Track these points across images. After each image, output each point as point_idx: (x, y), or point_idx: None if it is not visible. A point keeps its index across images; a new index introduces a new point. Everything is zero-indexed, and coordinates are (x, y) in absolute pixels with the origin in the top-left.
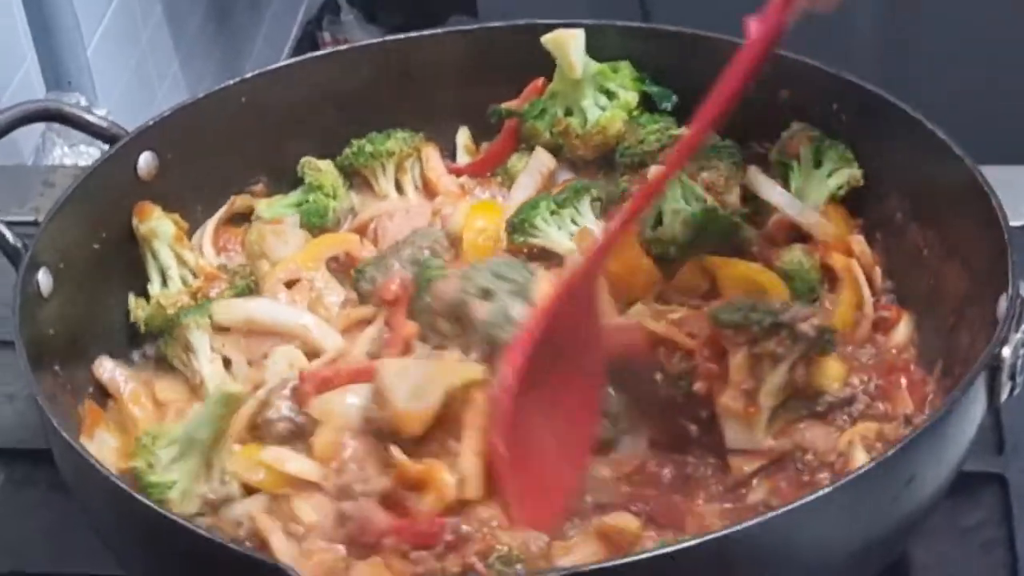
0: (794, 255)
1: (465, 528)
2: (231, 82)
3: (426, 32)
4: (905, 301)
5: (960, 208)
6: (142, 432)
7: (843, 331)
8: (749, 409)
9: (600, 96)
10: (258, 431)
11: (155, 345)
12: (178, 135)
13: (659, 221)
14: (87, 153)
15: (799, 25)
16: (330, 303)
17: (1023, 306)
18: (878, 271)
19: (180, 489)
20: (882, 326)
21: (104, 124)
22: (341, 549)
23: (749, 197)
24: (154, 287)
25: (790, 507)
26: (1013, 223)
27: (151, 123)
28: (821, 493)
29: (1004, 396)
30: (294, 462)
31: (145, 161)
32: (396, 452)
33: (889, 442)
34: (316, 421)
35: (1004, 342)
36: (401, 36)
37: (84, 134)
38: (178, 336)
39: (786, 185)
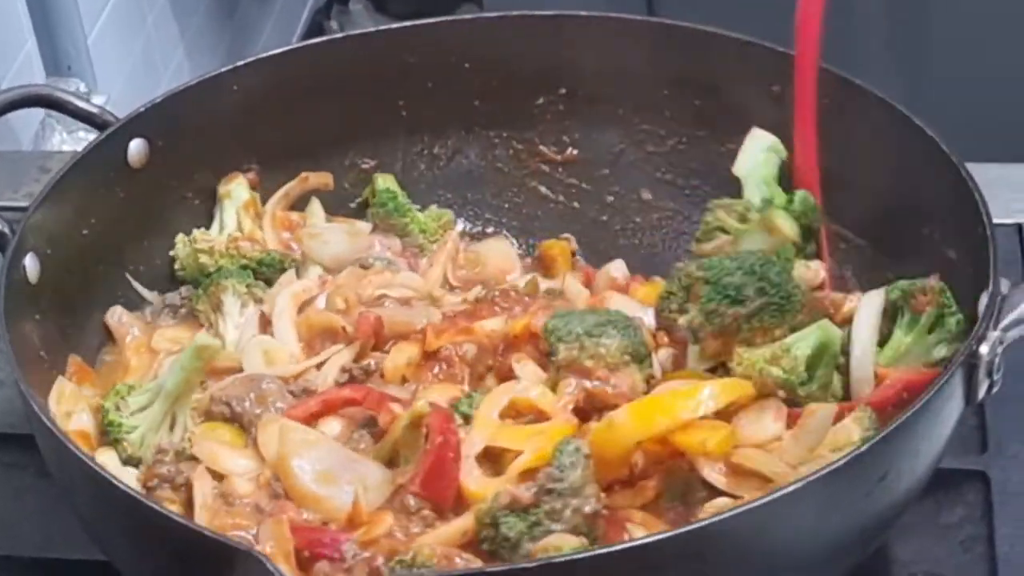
0: None
1: (360, 553)
2: (223, 69)
3: (423, 21)
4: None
5: (945, 204)
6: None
7: None
8: None
9: None
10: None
11: (176, 293)
12: (169, 122)
13: None
14: (86, 140)
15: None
16: None
17: (1003, 303)
18: None
19: (139, 434)
20: None
21: (94, 110)
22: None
23: None
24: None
25: (762, 501)
26: (997, 220)
27: (142, 110)
28: (793, 488)
29: (982, 393)
30: (228, 461)
31: (136, 148)
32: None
33: None
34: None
35: (982, 339)
36: (399, 25)
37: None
38: (212, 294)
39: None
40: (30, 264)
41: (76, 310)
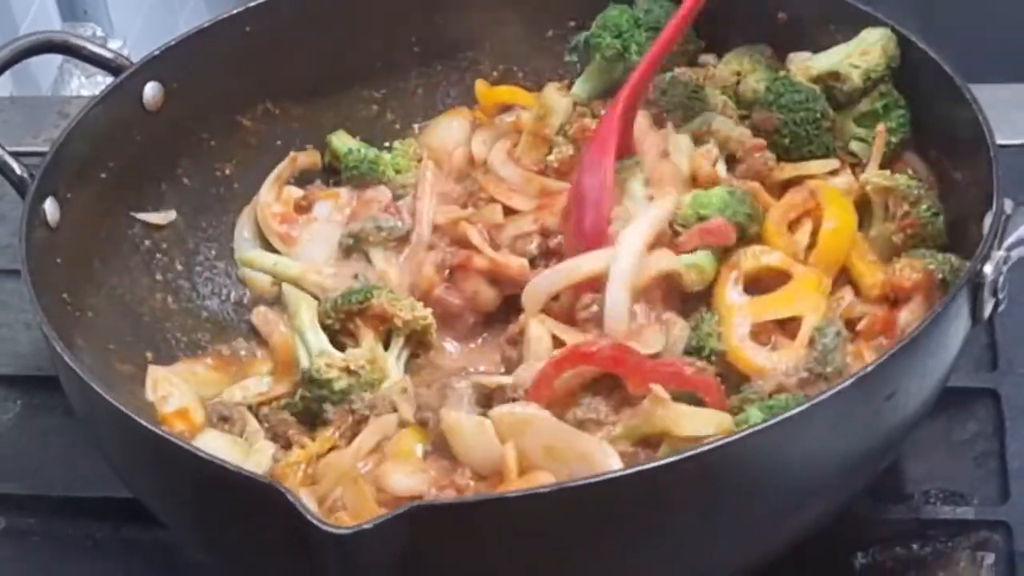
0: None
1: None
2: (235, 11)
3: None
4: None
5: (949, 126)
6: None
7: None
8: None
9: None
10: None
11: None
12: (183, 65)
13: None
14: (104, 84)
15: None
16: None
17: (1007, 223)
18: None
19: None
20: None
21: (109, 55)
22: None
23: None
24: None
25: (770, 423)
26: (1006, 141)
27: (156, 53)
28: (801, 408)
29: (987, 312)
30: None
31: (151, 91)
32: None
33: None
34: None
35: (986, 259)
36: None
37: None
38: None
39: None
40: (50, 208)
41: (95, 252)
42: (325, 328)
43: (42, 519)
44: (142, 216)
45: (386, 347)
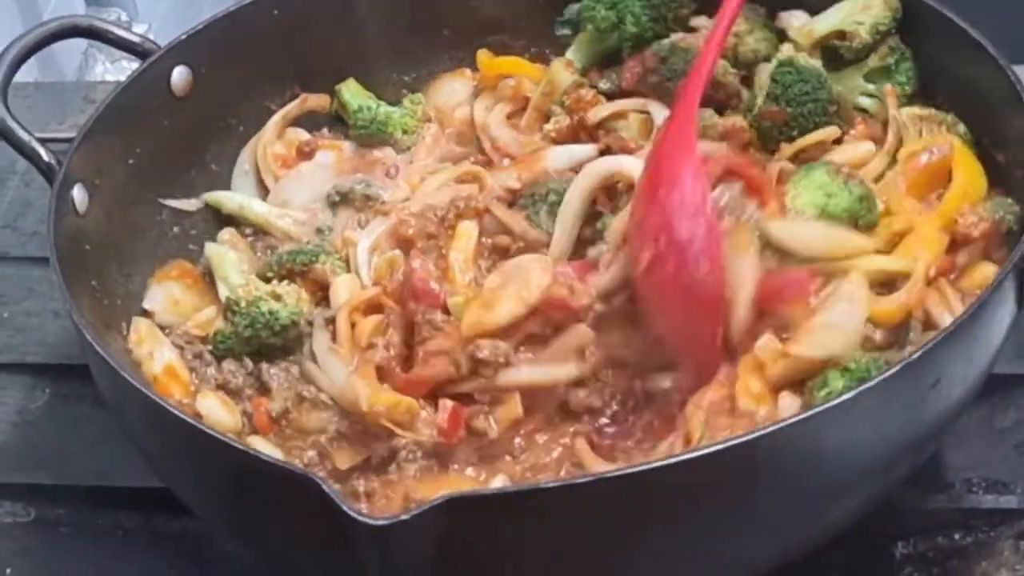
0: None
1: None
2: None
3: None
4: None
5: (994, 108)
6: None
7: None
8: None
9: None
10: None
11: None
12: (211, 49)
13: None
14: (129, 69)
15: None
16: None
17: None
18: None
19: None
20: None
21: (136, 39)
22: None
23: None
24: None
25: (814, 411)
26: None
27: (183, 37)
28: (846, 397)
29: None
30: None
31: (179, 75)
32: None
33: None
34: None
35: None
36: None
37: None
38: None
39: None
40: (78, 195)
41: (124, 239)
42: (266, 282)
43: (72, 509)
44: (171, 203)
45: None
